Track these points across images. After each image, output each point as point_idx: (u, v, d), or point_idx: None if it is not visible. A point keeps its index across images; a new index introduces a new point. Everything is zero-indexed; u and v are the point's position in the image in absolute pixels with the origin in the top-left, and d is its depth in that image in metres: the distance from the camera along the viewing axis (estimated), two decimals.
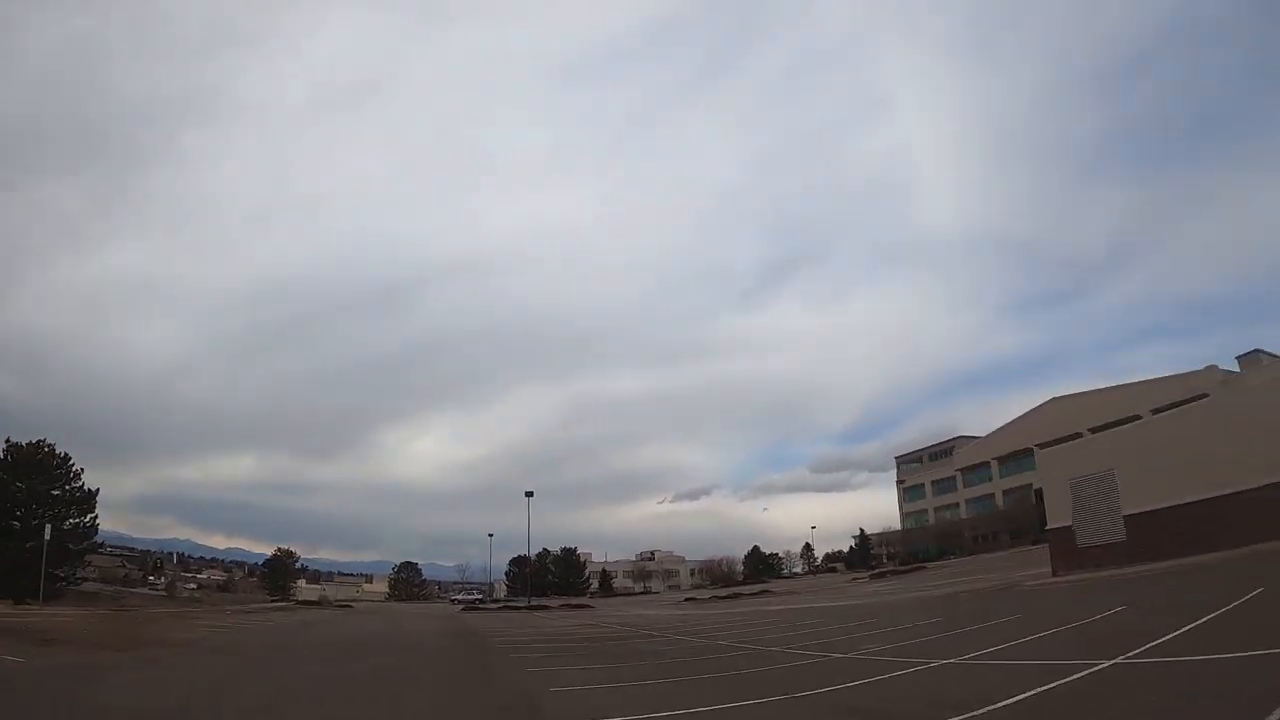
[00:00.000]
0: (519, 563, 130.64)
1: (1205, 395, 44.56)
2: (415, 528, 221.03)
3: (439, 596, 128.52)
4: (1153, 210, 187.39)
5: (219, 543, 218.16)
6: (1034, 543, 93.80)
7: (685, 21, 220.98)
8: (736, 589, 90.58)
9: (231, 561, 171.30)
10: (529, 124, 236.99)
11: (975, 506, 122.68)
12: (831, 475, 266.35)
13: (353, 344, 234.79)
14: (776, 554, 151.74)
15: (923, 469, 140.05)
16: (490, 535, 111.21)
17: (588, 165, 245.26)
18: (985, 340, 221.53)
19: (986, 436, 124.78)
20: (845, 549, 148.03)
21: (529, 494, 74.97)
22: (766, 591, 73.95)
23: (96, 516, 57.20)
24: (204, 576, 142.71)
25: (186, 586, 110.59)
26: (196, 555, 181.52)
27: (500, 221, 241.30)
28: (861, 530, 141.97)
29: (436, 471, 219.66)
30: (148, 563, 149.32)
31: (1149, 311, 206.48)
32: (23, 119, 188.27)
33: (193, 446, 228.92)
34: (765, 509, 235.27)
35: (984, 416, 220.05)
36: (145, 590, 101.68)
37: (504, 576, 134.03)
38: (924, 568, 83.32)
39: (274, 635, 36.78)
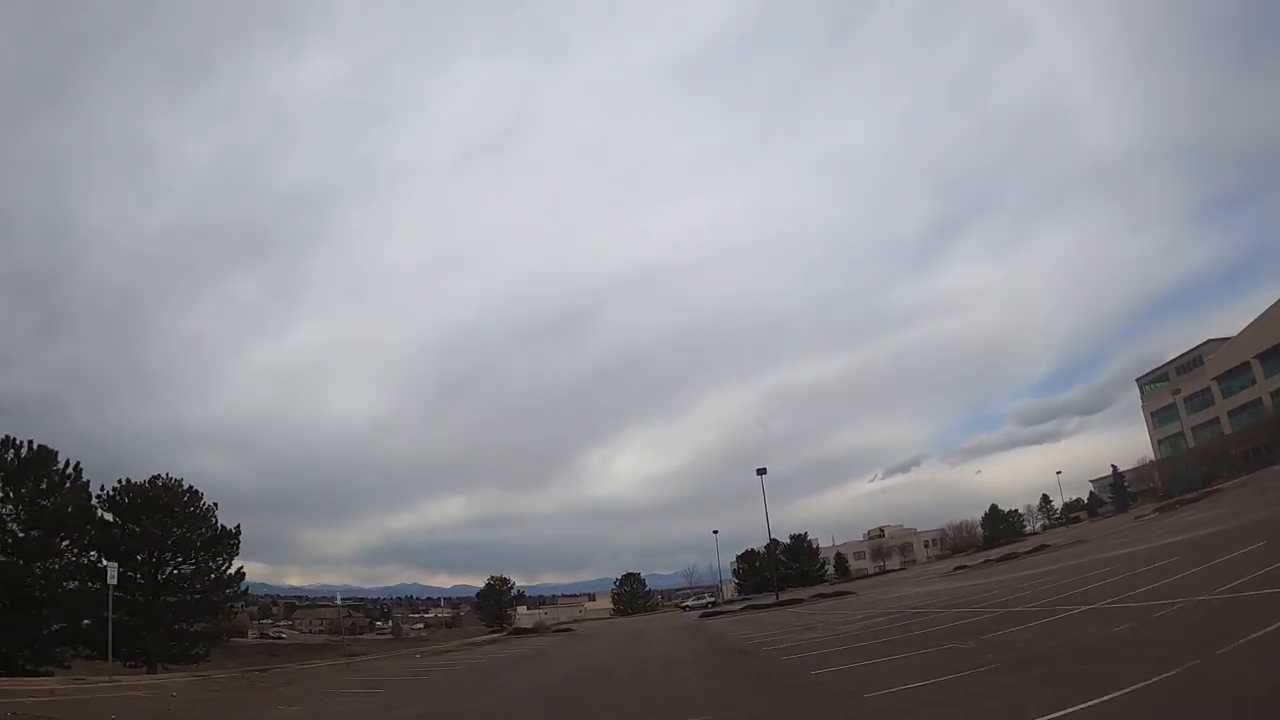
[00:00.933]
0: (747, 558, 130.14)
1: None
2: (627, 543, 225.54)
3: (665, 605, 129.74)
4: None
5: (443, 582, 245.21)
6: None
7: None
8: (1006, 550, 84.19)
9: (458, 598, 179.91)
10: (668, 131, 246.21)
11: (1240, 418, 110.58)
12: (1041, 426, 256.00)
13: (539, 375, 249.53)
14: (1016, 510, 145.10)
15: (1170, 386, 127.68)
16: (715, 532, 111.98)
17: (735, 159, 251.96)
18: (1178, 255, 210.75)
19: (1240, 333, 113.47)
20: (1085, 497, 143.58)
21: (761, 471, 71.69)
22: (1044, 547, 67.27)
23: (238, 562, 53.84)
24: (430, 615, 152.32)
25: (414, 627, 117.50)
26: (424, 596, 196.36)
27: (661, 232, 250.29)
28: (1114, 467, 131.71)
29: (640, 485, 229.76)
30: (375, 610, 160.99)
31: None
32: (195, 228, 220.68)
33: (405, 496, 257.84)
34: (979, 471, 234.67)
35: (1192, 334, 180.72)
36: (372, 635, 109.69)
37: (731, 576, 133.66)
38: (1215, 491, 74.50)
39: (447, 688, 29.54)
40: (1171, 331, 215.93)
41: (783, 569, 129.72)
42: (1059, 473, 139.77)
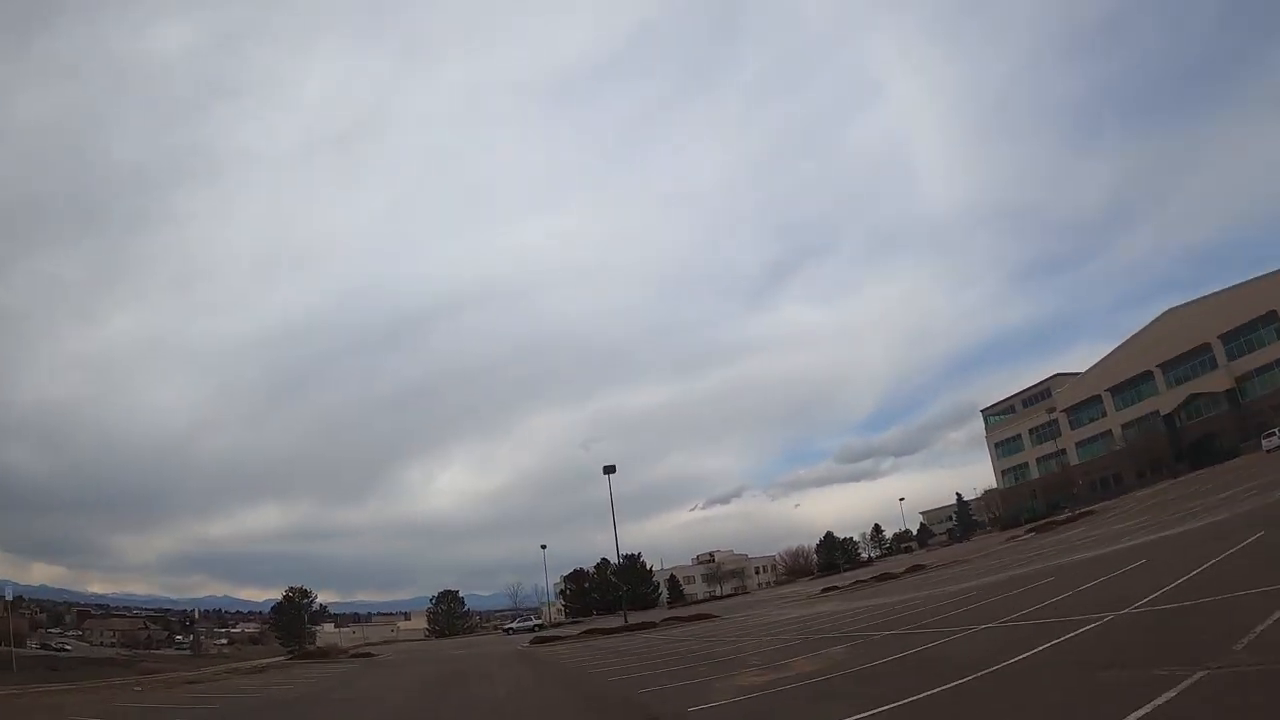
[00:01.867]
0: (576, 578, 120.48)
1: None
2: (449, 561, 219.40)
3: (484, 628, 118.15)
4: (1149, 165, 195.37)
5: (255, 595, 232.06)
6: (1176, 475, 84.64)
7: (664, 31, 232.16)
8: (878, 570, 78.86)
9: (269, 614, 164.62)
10: (523, 149, 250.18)
11: (1089, 449, 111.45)
12: (859, 464, 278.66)
13: (368, 384, 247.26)
14: (851, 537, 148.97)
15: (1016, 419, 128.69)
16: (544, 546, 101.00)
17: (585, 183, 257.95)
18: (996, 312, 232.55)
19: (1091, 368, 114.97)
20: (914, 528, 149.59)
21: (609, 469, 63.02)
22: (920, 567, 61.08)
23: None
24: (238, 630, 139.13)
25: (218, 643, 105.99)
26: (235, 610, 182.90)
27: (504, 248, 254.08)
28: (959, 495, 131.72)
29: (464, 503, 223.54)
30: (178, 622, 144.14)
31: (1156, 267, 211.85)
32: (17, 195, 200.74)
33: (219, 501, 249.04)
34: (797, 505, 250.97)
35: (1004, 386, 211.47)
36: (170, 651, 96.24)
37: (557, 597, 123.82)
38: (1086, 514, 71.42)
39: None
40: (986, 382, 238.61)
41: (614, 591, 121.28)
42: (902, 499, 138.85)
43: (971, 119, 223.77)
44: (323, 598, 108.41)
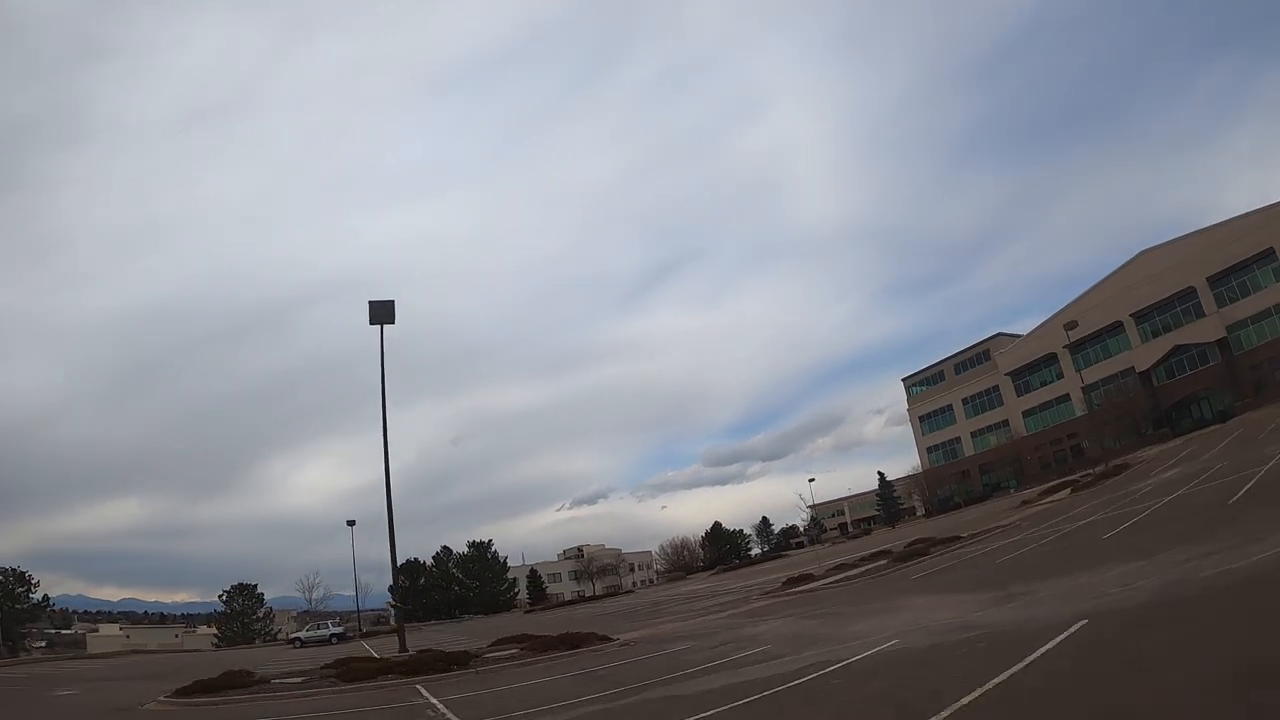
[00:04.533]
0: (410, 572, 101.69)
1: None
2: (312, 560, 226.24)
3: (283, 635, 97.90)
4: (1019, 195, 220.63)
5: (112, 594, 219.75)
6: (1163, 442, 73.63)
7: (558, 29, 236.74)
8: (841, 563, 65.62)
9: (122, 613, 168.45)
10: (403, 137, 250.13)
11: (1041, 418, 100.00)
12: (726, 468, 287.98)
13: (232, 372, 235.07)
14: (741, 530, 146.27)
15: (945, 387, 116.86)
16: (351, 523, 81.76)
17: (464, 176, 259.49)
18: (864, 328, 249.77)
19: (1044, 323, 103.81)
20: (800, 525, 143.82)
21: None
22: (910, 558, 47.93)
23: None
24: (71, 632, 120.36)
25: (35, 644, 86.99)
26: (83, 609, 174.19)
27: (377, 237, 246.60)
28: (881, 475, 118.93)
29: (327, 500, 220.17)
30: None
31: (1019, 291, 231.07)
32: None
33: (72, 494, 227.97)
34: (664, 507, 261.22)
35: (868, 399, 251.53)
36: None
37: (388, 596, 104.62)
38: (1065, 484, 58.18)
39: None
40: (853, 393, 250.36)
41: (458, 588, 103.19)
42: (812, 479, 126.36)
43: (852, 140, 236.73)
44: (186, 596, 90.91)
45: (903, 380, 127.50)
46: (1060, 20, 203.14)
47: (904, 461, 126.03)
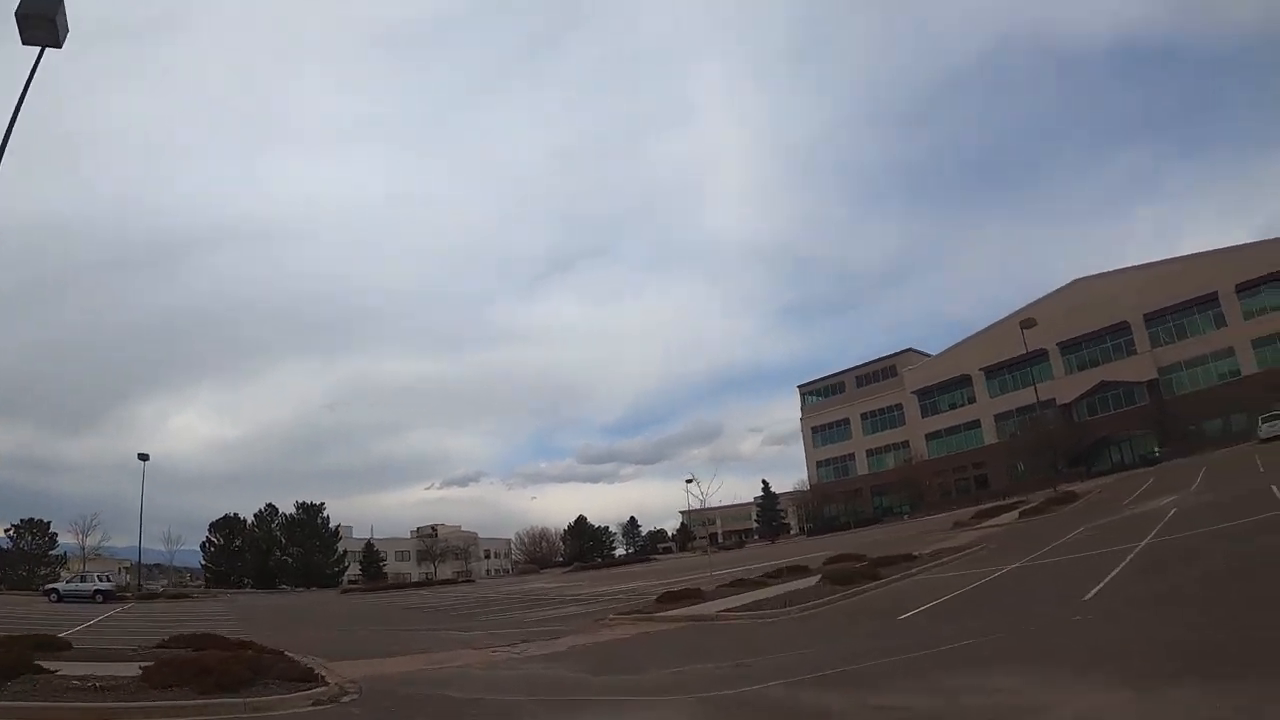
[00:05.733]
0: (226, 529, 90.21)
1: None
2: (175, 511, 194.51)
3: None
4: (927, 239, 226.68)
5: None
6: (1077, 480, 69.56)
7: (502, 5, 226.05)
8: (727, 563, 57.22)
9: None
10: (332, 88, 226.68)
11: (946, 442, 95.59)
12: (600, 467, 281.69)
13: (112, 304, 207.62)
14: (607, 527, 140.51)
15: (844, 400, 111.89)
16: (143, 457, 70.46)
17: (384, 139, 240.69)
18: (756, 346, 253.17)
19: (959, 343, 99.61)
20: (670, 529, 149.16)
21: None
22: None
23: None
24: None
25: None
26: None
27: (287, 187, 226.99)
28: (765, 485, 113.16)
29: (197, 449, 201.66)
30: None
31: (910, 330, 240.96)
32: None
33: None
34: (533, 498, 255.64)
35: (750, 417, 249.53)
36: None
37: (200, 555, 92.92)
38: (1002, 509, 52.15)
39: None
40: (737, 409, 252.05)
41: (280, 554, 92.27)
42: (690, 480, 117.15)
43: (772, 162, 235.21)
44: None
45: (799, 387, 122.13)
46: (994, 80, 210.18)
47: (776, 482, 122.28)
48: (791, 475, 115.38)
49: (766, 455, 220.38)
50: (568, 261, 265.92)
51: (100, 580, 58.50)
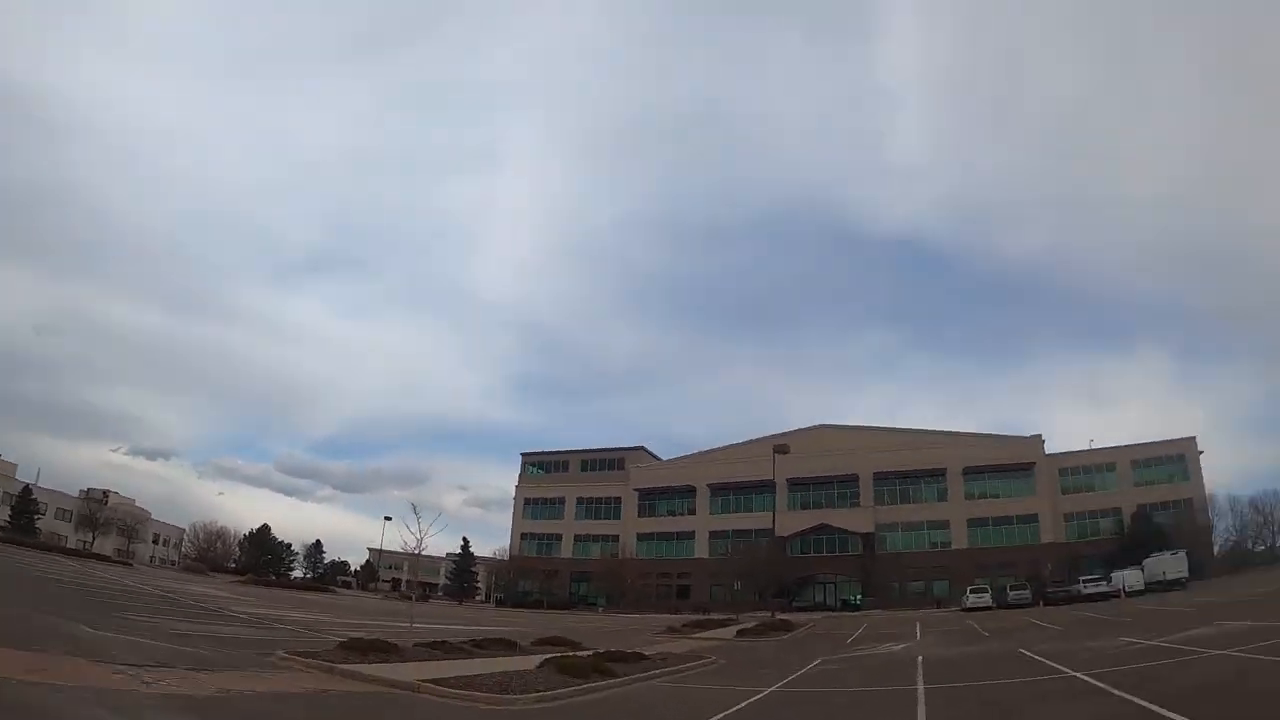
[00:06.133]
0: None
1: None
2: None
3: None
4: (676, 353, 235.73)
5: None
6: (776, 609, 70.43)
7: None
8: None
9: None
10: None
11: (657, 546, 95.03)
12: (297, 480, 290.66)
13: None
14: (290, 544, 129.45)
15: (564, 478, 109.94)
16: None
17: (192, 62, 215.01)
18: (485, 406, 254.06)
19: (694, 455, 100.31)
20: (354, 564, 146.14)
21: None
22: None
23: None
24: None
25: None
26: None
27: (54, 65, 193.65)
28: (465, 543, 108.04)
29: None
30: None
31: (635, 434, 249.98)
32: None
33: None
34: (221, 493, 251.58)
35: (460, 475, 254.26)
36: None
37: None
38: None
39: None
40: (444, 461, 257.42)
41: None
42: (389, 518, 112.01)
43: (556, 236, 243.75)
44: None
45: (523, 454, 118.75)
46: (781, 232, 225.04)
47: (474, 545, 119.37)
48: (489, 541, 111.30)
49: (467, 515, 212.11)
50: (327, 264, 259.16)
51: None
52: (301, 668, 18.22)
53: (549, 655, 22.27)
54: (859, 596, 76.35)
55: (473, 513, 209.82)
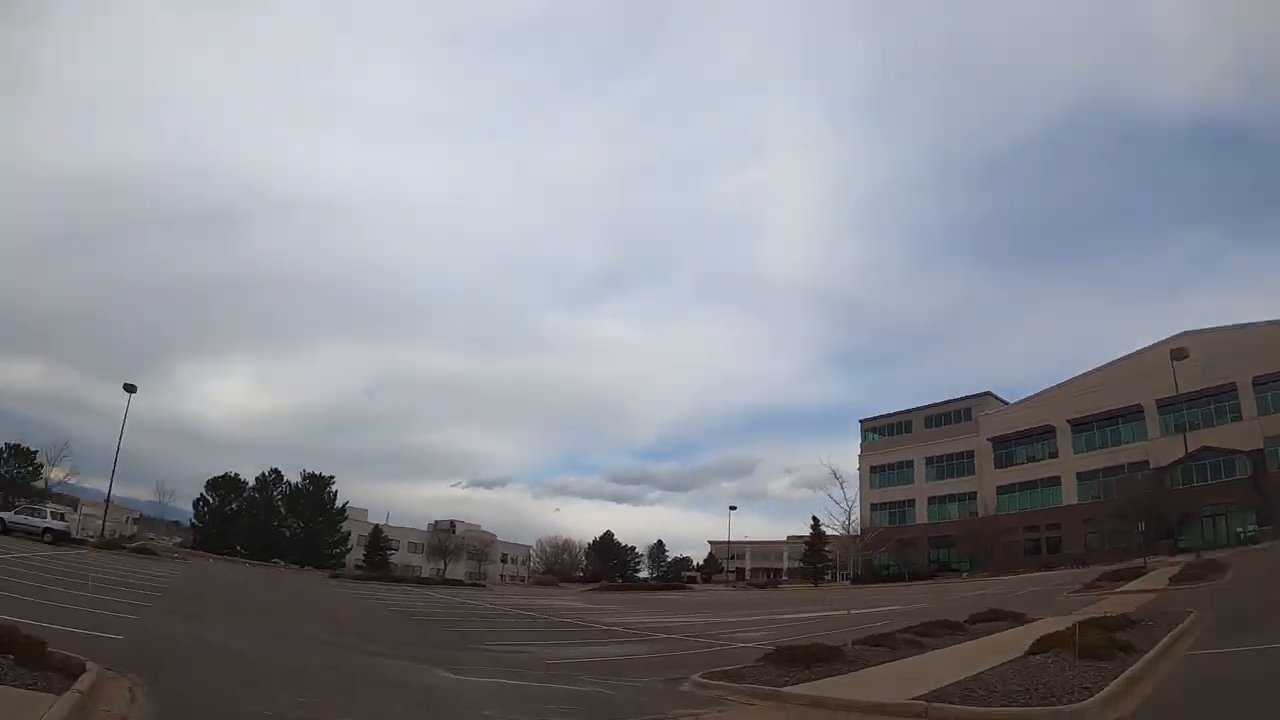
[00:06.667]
0: (223, 487, 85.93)
1: None
2: (196, 471, 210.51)
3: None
4: (982, 301, 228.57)
5: None
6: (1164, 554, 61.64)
7: (580, 17, 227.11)
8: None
9: None
10: (402, 73, 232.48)
11: (1018, 499, 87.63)
12: (627, 488, 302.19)
13: (166, 263, 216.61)
14: (634, 547, 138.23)
15: (910, 440, 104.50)
16: (129, 389, 67.32)
17: (448, 133, 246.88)
18: (801, 386, 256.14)
19: (1046, 390, 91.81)
20: (696, 559, 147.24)
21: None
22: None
23: None
24: None
25: None
26: None
27: (347, 167, 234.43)
28: (816, 522, 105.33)
29: (227, 417, 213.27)
30: None
31: (947, 390, 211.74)
32: None
33: None
34: (557, 509, 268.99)
35: (786, 458, 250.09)
36: None
37: (192, 514, 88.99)
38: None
39: None
40: (770, 446, 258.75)
41: (278, 525, 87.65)
42: (734, 508, 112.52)
43: (833, 207, 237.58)
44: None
45: (861, 422, 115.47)
46: (1063, 149, 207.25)
47: (799, 525, 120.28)
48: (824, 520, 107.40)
49: (796, 497, 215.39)
50: (618, 280, 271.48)
51: (54, 518, 53.87)
52: (739, 697, 13.75)
53: (1032, 636, 16.91)
54: (1251, 527, 65.40)
55: (800, 494, 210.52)
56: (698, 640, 25.27)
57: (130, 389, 67.15)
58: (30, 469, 77.65)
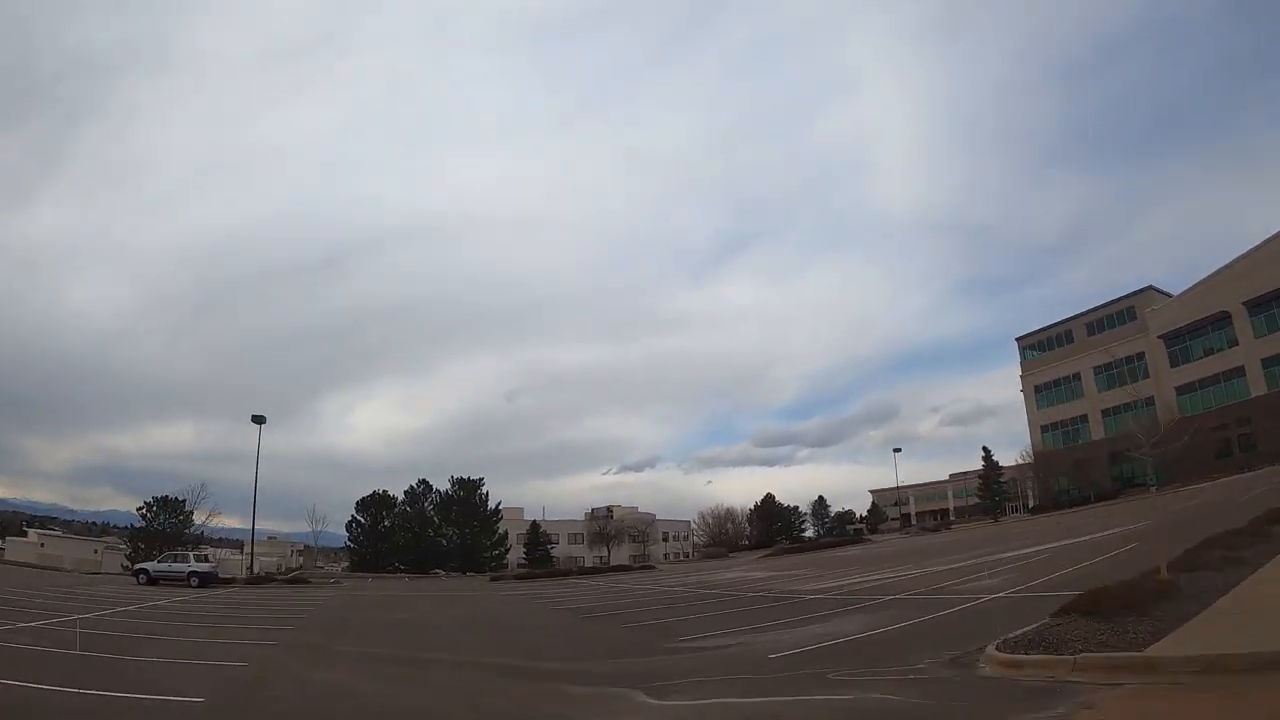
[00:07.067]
0: (372, 508, 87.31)
1: None
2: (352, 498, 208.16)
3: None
4: (1107, 200, 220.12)
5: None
6: None
7: None
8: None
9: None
10: (486, 82, 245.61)
11: (1200, 397, 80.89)
12: (776, 450, 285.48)
13: (298, 307, 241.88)
14: (797, 507, 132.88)
15: (1073, 351, 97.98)
16: (259, 420, 69.17)
17: (545, 129, 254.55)
18: (935, 322, 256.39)
19: (1215, 275, 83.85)
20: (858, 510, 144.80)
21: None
22: None
23: None
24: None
25: None
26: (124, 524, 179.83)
27: (453, 185, 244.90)
28: (987, 453, 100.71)
29: (376, 441, 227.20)
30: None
31: (1094, 300, 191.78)
32: None
33: (131, 413, 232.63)
34: (710, 482, 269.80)
35: (927, 396, 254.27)
36: None
37: (346, 537, 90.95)
38: None
39: None
40: (913, 387, 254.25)
41: (434, 534, 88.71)
42: (898, 449, 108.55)
43: (940, 130, 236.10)
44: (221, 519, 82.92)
45: (1017, 339, 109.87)
46: (1165, 21, 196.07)
47: (956, 464, 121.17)
48: (975, 456, 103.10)
49: (946, 436, 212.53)
50: (736, 243, 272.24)
51: (197, 560, 55.02)
52: (1084, 675, 10.18)
53: None
54: None
55: (950, 431, 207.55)
56: (928, 599, 22.53)
57: (259, 420, 69.87)
58: (179, 519, 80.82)
